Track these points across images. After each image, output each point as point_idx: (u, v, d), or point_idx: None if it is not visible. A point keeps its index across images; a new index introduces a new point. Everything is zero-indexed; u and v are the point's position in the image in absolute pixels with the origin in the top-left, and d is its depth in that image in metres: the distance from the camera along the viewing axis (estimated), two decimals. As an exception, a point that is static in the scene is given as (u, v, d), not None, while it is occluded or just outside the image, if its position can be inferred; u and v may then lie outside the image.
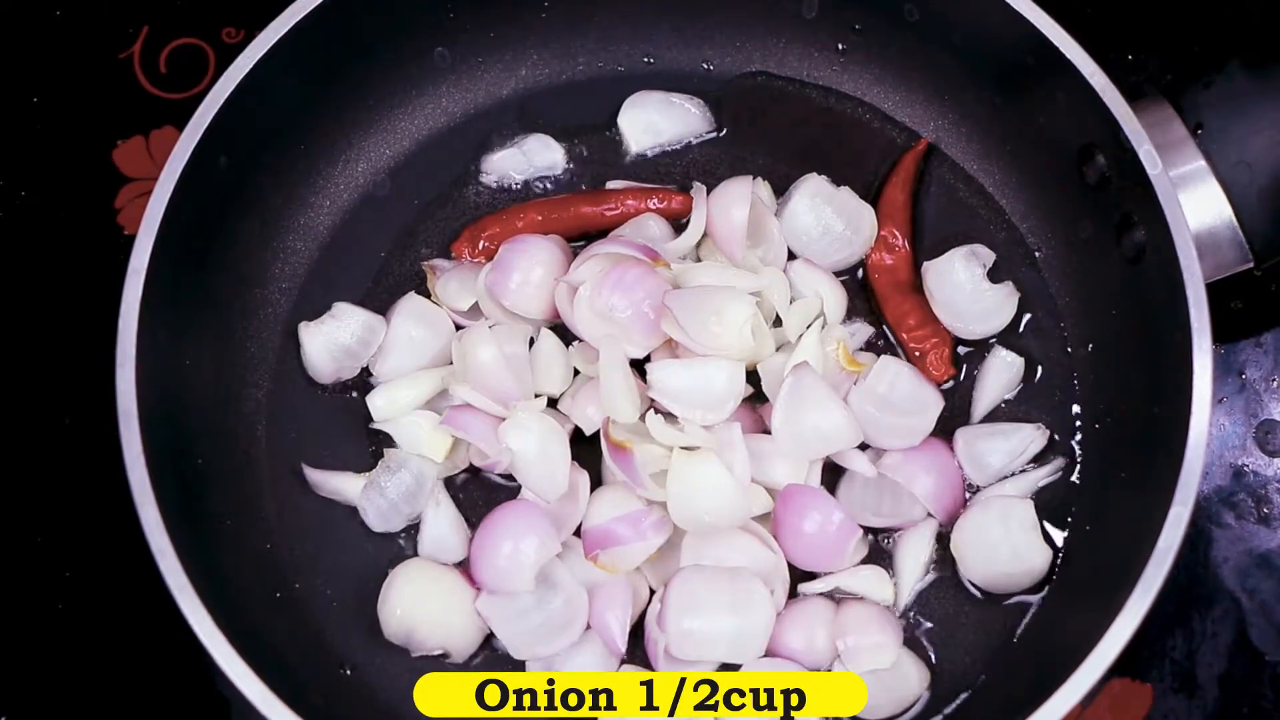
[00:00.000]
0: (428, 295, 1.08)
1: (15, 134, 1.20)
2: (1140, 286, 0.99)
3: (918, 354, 1.05)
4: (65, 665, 1.06)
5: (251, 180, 1.06)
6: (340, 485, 1.04)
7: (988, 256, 1.07)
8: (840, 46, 1.13)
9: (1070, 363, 1.06)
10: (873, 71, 1.13)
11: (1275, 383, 1.11)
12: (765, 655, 0.97)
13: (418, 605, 0.99)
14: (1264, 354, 1.11)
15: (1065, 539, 1.02)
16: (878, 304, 1.08)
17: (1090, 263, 1.05)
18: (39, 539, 1.09)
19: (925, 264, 1.07)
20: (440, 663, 1.00)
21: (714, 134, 1.13)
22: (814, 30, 1.13)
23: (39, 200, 1.18)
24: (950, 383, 1.06)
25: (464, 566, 1.01)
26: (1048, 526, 1.02)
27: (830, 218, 1.08)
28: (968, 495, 1.03)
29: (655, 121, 1.13)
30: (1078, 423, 1.05)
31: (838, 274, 1.09)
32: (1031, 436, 1.03)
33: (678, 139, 1.13)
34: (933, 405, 1.02)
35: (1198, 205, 0.98)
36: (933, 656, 1.00)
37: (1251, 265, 1.00)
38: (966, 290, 1.06)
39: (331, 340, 1.06)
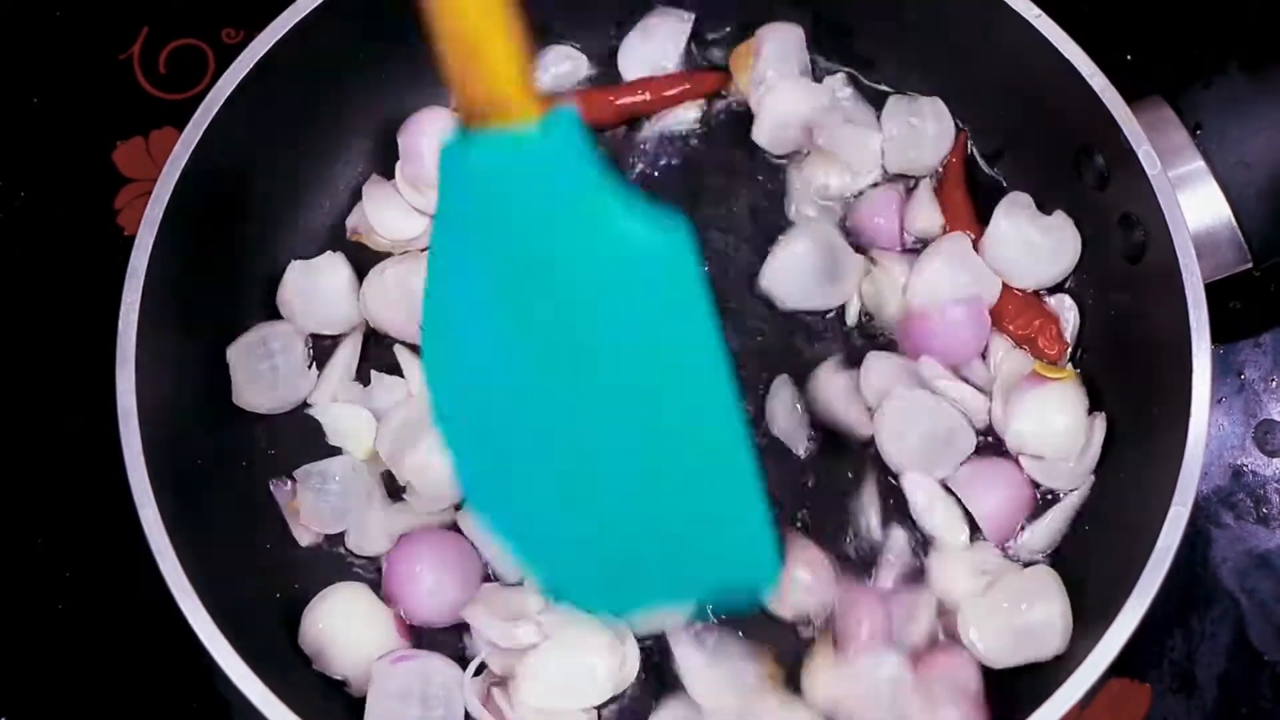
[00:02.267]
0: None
1: (15, 134, 1.20)
2: (1140, 286, 0.99)
3: (1026, 340, 1.03)
4: (65, 665, 1.06)
5: (251, 181, 1.06)
6: None
7: (1025, 200, 1.05)
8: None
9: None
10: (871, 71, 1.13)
11: (1274, 383, 1.11)
12: None
13: (340, 631, 0.98)
14: (1263, 354, 1.11)
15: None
16: None
17: (1090, 262, 1.05)
18: (39, 539, 1.09)
19: (979, 242, 1.04)
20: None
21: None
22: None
23: (39, 201, 1.18)
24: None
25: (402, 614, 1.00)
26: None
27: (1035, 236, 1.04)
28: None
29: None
30: (1077, 423, 1.05)
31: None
32: (1093, 426, 1.01)
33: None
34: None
35: (1197, 206, 0.97)
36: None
37: (1250, 265, 1.00)
38: (1022, 239, 1.03)
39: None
